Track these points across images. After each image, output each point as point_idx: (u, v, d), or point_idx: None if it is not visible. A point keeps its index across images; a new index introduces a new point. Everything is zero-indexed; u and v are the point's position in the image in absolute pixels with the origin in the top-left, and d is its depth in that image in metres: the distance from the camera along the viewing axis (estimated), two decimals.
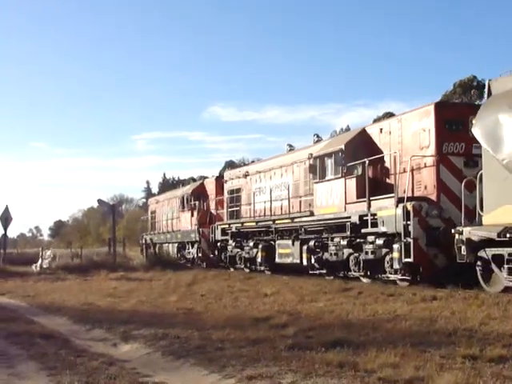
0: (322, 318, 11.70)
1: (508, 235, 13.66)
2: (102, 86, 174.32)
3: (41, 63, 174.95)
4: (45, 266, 34.52)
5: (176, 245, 38.91)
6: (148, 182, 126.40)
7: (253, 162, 32.14)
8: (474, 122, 15.00)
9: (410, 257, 16.78)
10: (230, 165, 60.38)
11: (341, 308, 12.91)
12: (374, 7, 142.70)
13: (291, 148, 28.05)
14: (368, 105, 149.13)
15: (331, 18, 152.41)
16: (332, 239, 21.21)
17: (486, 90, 15.40)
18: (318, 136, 25.63)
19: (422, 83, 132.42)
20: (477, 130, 14.66)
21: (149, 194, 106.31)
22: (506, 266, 14.01)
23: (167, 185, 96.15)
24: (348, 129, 26.74)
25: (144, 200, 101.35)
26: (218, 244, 31.79)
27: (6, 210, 35.24)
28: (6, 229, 35.81)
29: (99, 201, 41.44)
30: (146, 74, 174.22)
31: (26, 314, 15.59)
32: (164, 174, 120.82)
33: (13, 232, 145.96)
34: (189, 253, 36.75)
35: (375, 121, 20.67)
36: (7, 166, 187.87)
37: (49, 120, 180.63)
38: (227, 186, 31.92)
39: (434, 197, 17.45)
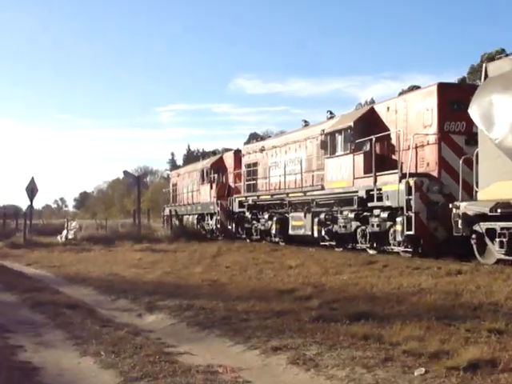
0: (346, 290, 11.68)
1: (499, 210, 14.64)
2: (128, 58, 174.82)
3: (65, 34, 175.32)
4: (70, 237, 34.86)
5: (196, 216, 39.59)
6: (173, 154, 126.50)
7: (269, 136, 33.27)
8: (470, 102, 15.63)
9: (411, 230, 17.70)
10: (254, 137, 60.09)
11: (365, 281, 12.88)
12: None
13: (306, 123, 28.90)
14: (394, 77, 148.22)
15: None
16: (341, 212, 22.25)
17: (483, 72, 16.03)
18: (331, 112, 25.91)
19: (450, 55, 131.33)
20: (473, 111, 15.36)
21: (173, 165, 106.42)
22: (497, 240, 14.93)
23: (192, 157, 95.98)
24: (372, 101, 27.24)
25: (168, 172, 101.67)
26: (236, 216, 32.75)
27: (32, 181, 35.43)
28: (31, 200, 36.03)
29: (125, 172, 41.86)
30: (173, 45, 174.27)
31: (51, 284, 15.73)
32: (188, 146, 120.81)
33: (38, 203, 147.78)
34: (208, 224, 37.49)
35: (400, 94, 20.93)
36: (33, 138, 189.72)
37: (74, 92, 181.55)
38: (245, 160, 32.81)
39: (435, 173, 18.25)
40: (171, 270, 17.15)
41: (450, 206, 16.59)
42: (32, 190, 35.42)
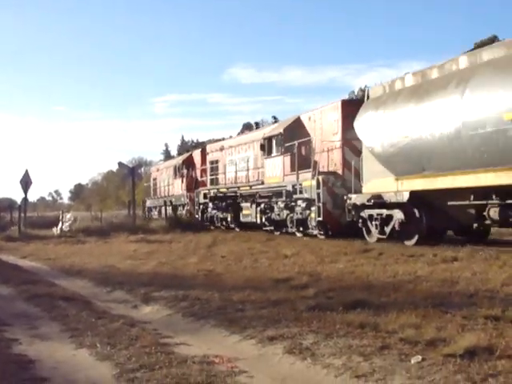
0: (342, 279, 11.67)
1: (372, 201, 19.44)
2: (121, 49, 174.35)
3: (59, 27, 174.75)
4: (65, 229, 34.76)
5: (170, 207, 42.90)
6: (166, 145, 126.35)
7: (230, 137, 38.97)
8: (356, 118, 20.26)
9: (320, 216, 22.40)
10: (247, 127, 60.08)
11: (361, 269, 12.87)
12: None
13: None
14: (390, 65, 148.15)
15: None
16: (276, 203, 27.03)
17: (365, 94, 20.92)
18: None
19: (444, 43, 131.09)
20: (356, 124, 20.19)
21: (167, 156, 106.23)
22: (373, 223, 19.84)
23: (186, 147, 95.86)
24: (366, 88, 29.86)
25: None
26: (201, 206, 37.20)
27: (26, 174, 35.36)
28: (26, 192, 35.96)
29: (119, 163, 42.20)
30: (165, 36, 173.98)
31: (47, 276, 15.72)
32: (182, 137, 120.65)
33: (33, 196, 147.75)
34: (180, 214, 40.38)
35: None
36: (27, 130, 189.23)
37: (69, 83, 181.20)
38: (209, 158, 37.36)
39: (340, 171, 22.73)
40: (166, 260, 17.13)
41: (345, 197, 21.36)
42: (26, 183, 35.35)
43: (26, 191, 35.67)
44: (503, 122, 14.13)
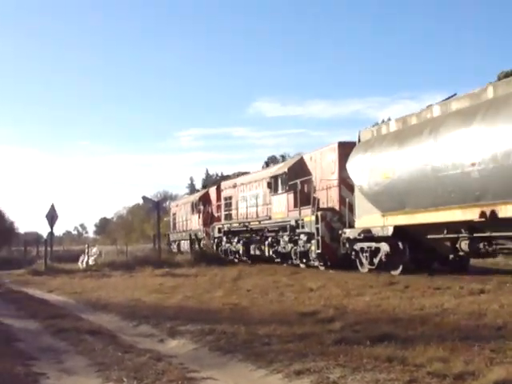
0: (368, 312, 11.62)
1: (362, 235, 21.26)
2: (147, 83, 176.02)
3: (86, 60, 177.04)
4: (91, 263, 34.88)
5: (188, 241, 44.29)
6: (191, 179, 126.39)
7: (244, 173, 39.84)
8: (348, 159, 22.35)
9: (319, 249, 24.22)
10: (272, 160, 60.31)
11: (387, 302, 12.80)
12: None
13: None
14: (413, 97, 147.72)
15: (375, 8, 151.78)
16: (282, 236, 28.74)
17: (357, 138, 22.48)
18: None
19: (467, 73, 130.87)
20: (348, 166, 22.17)
21: (192, 190, 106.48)
22: (364, 255, 21.75)
23: (210, 180, 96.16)
24: (389, 119, 31.23)
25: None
26: (216, 240, 38.82)
27: (52, 208, 35.64)
28: (52, 227, 36.23)
29: (144, 198, 42.50)
30: (191, 71, 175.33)
31: (73, 310, 15.76)
32: (207, 170, 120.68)
33: (59, 230, 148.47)
34: (195, 247, 42.01)
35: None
36: (52, 165, 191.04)
37: (94, 118, 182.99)
38: (223, 194, 38.89)
39: (337, 207, 24.57)
40: (192, 294, 17.13)
41: (340, 231, 23.21)
42: (52, 217, 35.62)
43: (52, 225, 35.94)
44: (466, 166, 16.09)
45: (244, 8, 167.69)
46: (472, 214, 16.12)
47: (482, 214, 15.74)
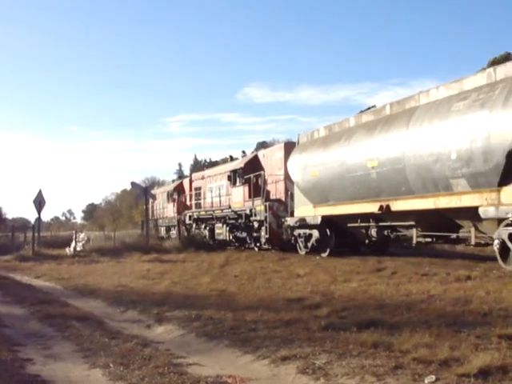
0: (355, 298, 11.64)
1: (299, 223, 25.03)
2: (136, 69, 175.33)
3: (74, 46, 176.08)
4: (78, 249, 34.85)
5: (164, 227, 49.71)
6: (180, 164, 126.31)
7: (214, 164, 46.04)
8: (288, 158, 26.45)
9: (267, 234, 28.28)
10: (262, 146, 60.24)
11: (374, 288, 12.83)
12: None
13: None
14: (403, 83, 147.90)
15: None
16: (240, 223, 32.53)
17: (297, 141, 26.66)
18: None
19: (458, 59, 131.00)
20: (288, 164, 26.28)
21: (180, 176, 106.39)
22: (300, 240, 25.61)
23: (198, 166, 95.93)
24: (374, 106, 32.36)
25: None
26: (187, 227, 42.04)
27: (40, 193, 35.58)
28: (39, 212, 36.20)
29: (132, 183, 42.60)
30: (179, 56, 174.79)
31: (60, 296, 15.75)
32: (195, 156, 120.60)
33: (46, 215, 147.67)
34: (172, 233, 45.98)
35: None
36: (40, 150, 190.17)
37: (83, 103, 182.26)
38: (194, 185, 43.09)
39: (283, 198, 28.21)
40: (179, 280, 17.14)
41: (282, 220, 27.17)
42: (40, 203, 35.57)
43: (39, 211, 35.89)
44: (367, 168, 19.71)
45: None
46: (374, 207, 19.71)
47: (381, 208, 19.35)
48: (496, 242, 15.18)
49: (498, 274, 13.87)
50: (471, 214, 15.78)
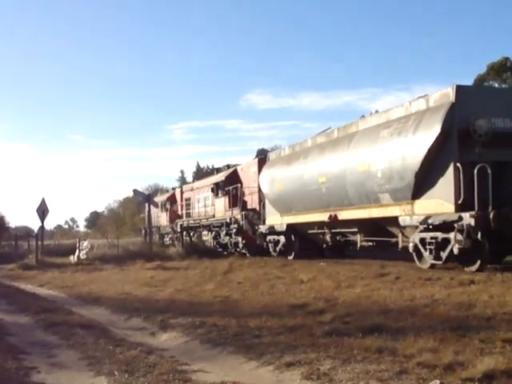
0: (359, 303, 11.64)
1: (268, 230, 28.51)
2: (139, 77, 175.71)
3: (77, 54, 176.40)
4: (82, 257, 34.83)
5: (158, 235, 52.14)
6: (182, 172, 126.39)
7: (203, 175, 50.83)
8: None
9: (244, 240, 31.86)
10: (262, 153, 60.33)
11: (378, 293, 12.82)
12: None
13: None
14: (405, 89, 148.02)
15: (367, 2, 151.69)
16: (222, 231, 35.52)
17: (268, 158, 30.10)
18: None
19: (457, 64, 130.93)
20: (260, 178, 29.56)
21: (183, 183, 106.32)
22: (270, 245, 29.06)
23: (201, 173, 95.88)
24: (377, 111, 33.37)
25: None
26: (178, 234, 44.21)
27: (43, 202, 35.59)
28: (43, 221, 36.21)
29: (135, 191, 42.74)
30: (183, 64, 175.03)
31: (64, 304, 15.75)
32: (197, 163, 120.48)
33: (50, 224, 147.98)
34: (166, 240, 49.70)
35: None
36: (44, 159, 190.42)
37: (86, 112, 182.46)
38: (184, 196, 46.23)
39: (258, 208, 31.11)
40: (183, 287, 17.14)
41: (256, 227, 30.21)
42: (43, 212, 35.58)
43: (42, 219, 35.90)
44: (319, 183, 23.07)
45: (236, 1, 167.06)
46: (325, 217, 22.74)
47: (330, 217, 22.43)
48: (411, 245, 18.15)
49: (502, 278, 13.85)
50: (396, 222, 18.76)
